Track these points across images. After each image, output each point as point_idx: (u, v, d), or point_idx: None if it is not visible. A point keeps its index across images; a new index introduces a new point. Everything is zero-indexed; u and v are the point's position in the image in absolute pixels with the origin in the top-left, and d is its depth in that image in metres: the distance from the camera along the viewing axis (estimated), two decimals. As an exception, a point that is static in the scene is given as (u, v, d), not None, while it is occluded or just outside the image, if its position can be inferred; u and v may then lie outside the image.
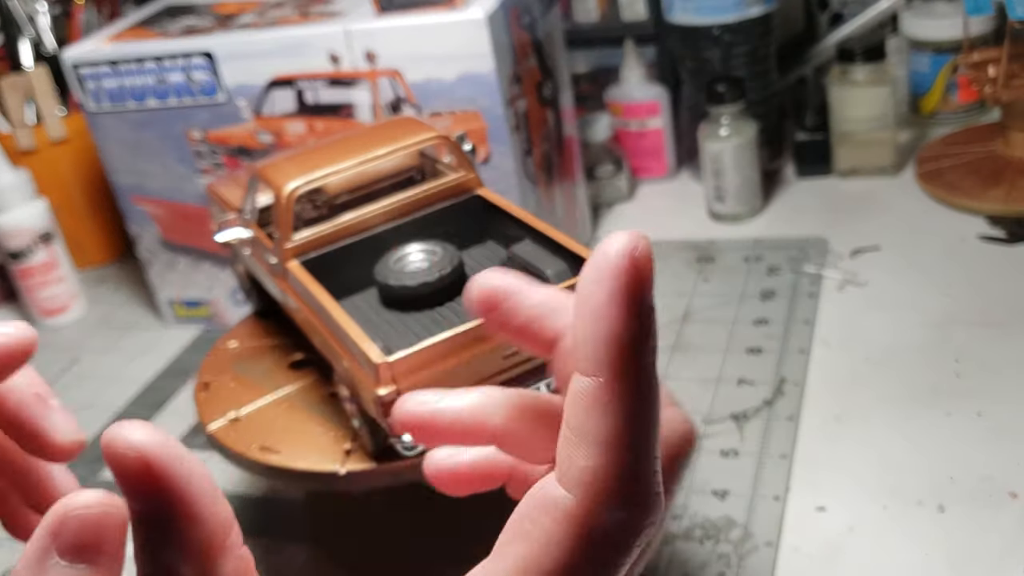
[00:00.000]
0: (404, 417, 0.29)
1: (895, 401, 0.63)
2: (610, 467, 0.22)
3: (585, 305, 0.23)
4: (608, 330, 0.22)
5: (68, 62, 0.77)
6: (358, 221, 0.53)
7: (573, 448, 0.22)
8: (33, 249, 0.90)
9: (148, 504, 0.22)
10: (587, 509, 0.22)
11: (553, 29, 0.80)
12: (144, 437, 0.22)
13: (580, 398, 0.23)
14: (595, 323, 0.22)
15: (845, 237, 0.81)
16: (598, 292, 0.22)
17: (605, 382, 0.22)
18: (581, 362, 0.23)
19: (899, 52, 0.98)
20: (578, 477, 0.22)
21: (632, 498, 0.22)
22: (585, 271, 0.23)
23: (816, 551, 0.53)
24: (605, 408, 0.22)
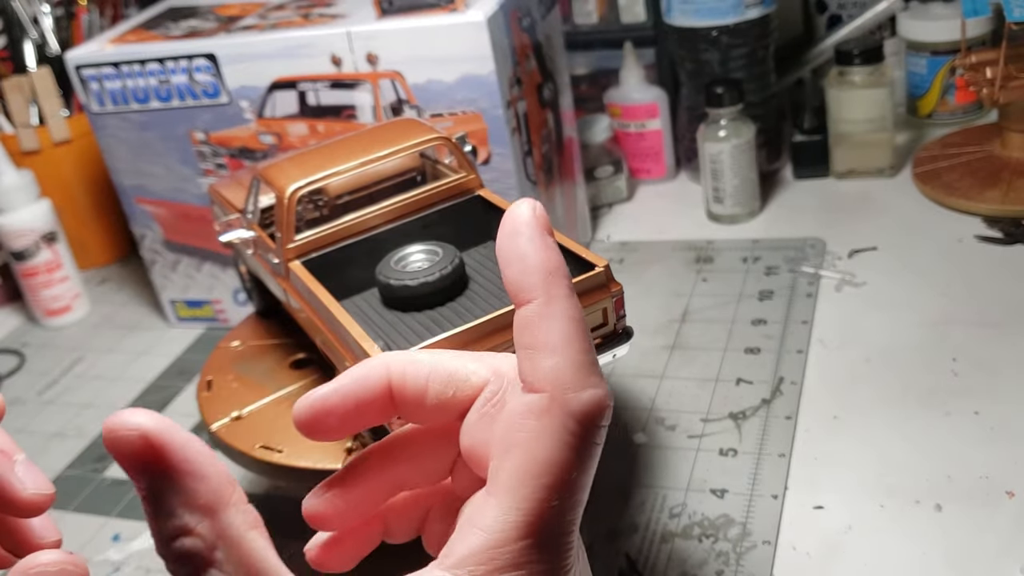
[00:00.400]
0: (298, 418, 0.30)
1: (893, 400, 0.63)
2: (568, 359, 0.27)
3: (511, 253, 0.28)
4: (535, 262, 0.27)
5: (71, 63, 0.78)
6: (359, 222, 0.53)
7: (533, 359, 0.27)
8: (36, 249, 0.90)
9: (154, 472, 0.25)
10: (561, 398, 0.26)
11: (553, 31, 0.81)
12: (141, 417, 0.25)
13: (527, 320, 0.27)
14: (523, 261, 0.28)
15: (843, 238, 0.82)
16: (519, 239, 0.28)
17: (544, 300, 0.27)
18: (521, 293, 0.28)
19: (897, 54, 0.98)
20: (545, 376, 0.27)
21: (590, 380, 0.27)
22: (502, 230, 0.28)
23: (814, 550, 0.53)
24: (551, 319, 0.27)
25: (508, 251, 0.28)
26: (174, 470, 0.25)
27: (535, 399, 0.27)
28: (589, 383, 0.27)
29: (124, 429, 0.25)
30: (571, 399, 0.26)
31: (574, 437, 0.26)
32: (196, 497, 0.25)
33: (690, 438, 0.63)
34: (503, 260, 0.28)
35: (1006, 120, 0.85)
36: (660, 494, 0.59)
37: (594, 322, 0.46)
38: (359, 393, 0.30)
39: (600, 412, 0.27)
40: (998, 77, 0.80)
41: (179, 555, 0.25)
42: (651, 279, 0.82)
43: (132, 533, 0.65)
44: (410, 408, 0.30)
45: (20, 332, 0.95)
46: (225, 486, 0.26)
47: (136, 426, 0.25)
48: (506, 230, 0.28)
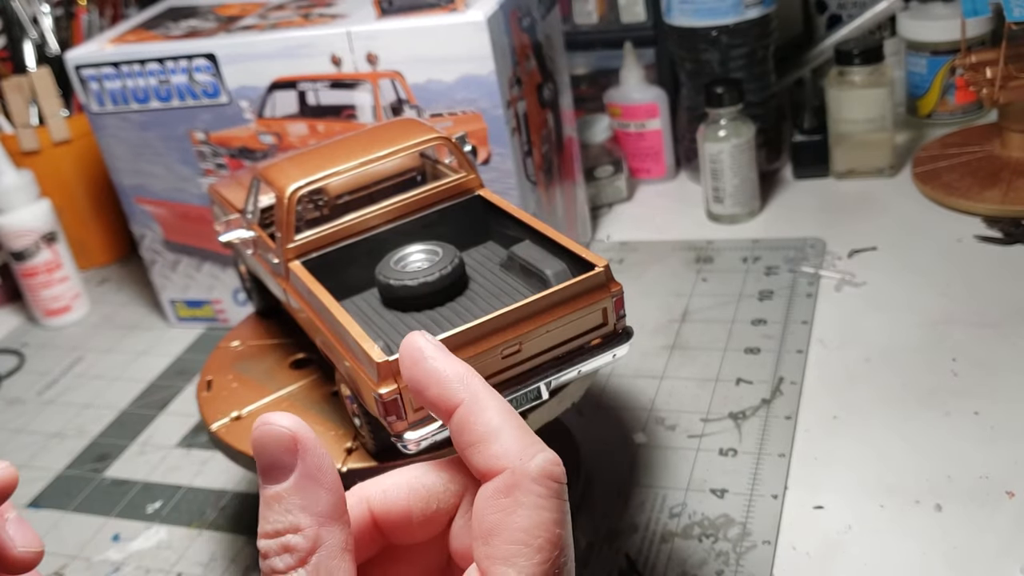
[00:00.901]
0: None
1: (892, 400, 0.63)
2: (512, 436, 0.29)
3: (423, 377, 0.30)
4: (447, 374, 0.30)
5: (71, 64, 0.78)
6: (359, 222, 0.53)
7: (481, 451, 0.29)
8: (36, 249, 0.90)
9: (289, 470, 0.28)
10: (520, 469, 0.28)
11: (553, 31, 0.81)
12: (291, 421, 0.28)
13: (462, 422, 0.29)
14: (436, 378, 0.30)
15: (843, 238, 0.82)
16: (425, 364, 0.30)
17: (468, 399, 0.29)
18: (447, 407, 0.30)
19: (897, 54, 0.98)
20: (498, 458, 0.28)
21: (536, 447, 0.29)
22: (405, 364, 0.30)
23: (814, 549, 0.53)
24: (481, 411, 0.29)
25: (420, 377, 0.30)
26: (307, 475, 0.28)
27: (498, 480, 0.28)
28: (535, 450, 0.28)
29: (278, 426, 0.28)
30: (530, 467, 0.28)
31: (544, 499, 0.28)
32: (317, 504, 0.28)
33: (690, 438, 0.63)
34: (419, 389, 0.30)
35: (1006, 120, 0.85)
36: (660, 494, 0.59)
37: (594, 322, 0.46)
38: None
39: (556, 470, 0.28)
40: (998, 77, 0.80)
41: (284, 547, 0.28)
42: (651, 279, 0.82)
43: (132, 533, 0.65)
44: (398, 531, 0.31)
45: (20, 332, 0.95)
46: (342, 504, 0.29)
47: (289, 426, 0.28)
48: (408, 363, 0.30)
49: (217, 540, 0.63)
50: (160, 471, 0.71)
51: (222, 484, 0.68)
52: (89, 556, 0.64)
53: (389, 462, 0.48)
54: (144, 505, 0.67)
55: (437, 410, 0.30)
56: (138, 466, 0.72)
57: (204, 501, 0.67)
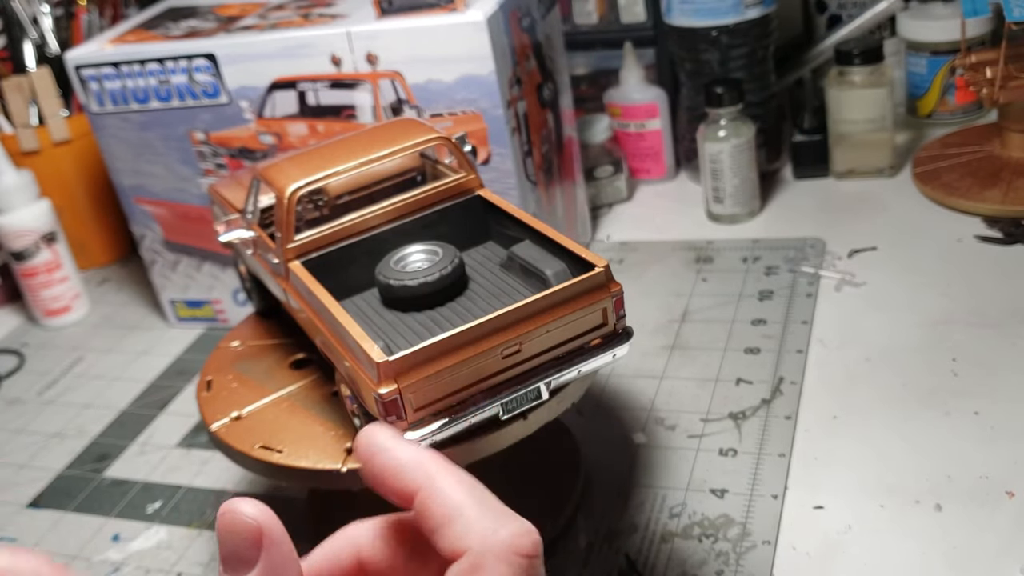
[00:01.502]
0: None
1: (892, 400, 0.63)
2: (471, 513, 0.28)
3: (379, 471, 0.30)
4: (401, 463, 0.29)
5: (71, 64, 0.78)
6: (359, 222, 0.53)
7: (444, 534, 0.28)
8: (36, 249, 0.90)
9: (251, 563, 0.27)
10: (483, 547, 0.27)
11: (553, 31, 0.81)
12: (257, 510, 0.28)
13: (421, 508, 0.28)
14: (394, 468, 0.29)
15: (842, 238, 0.82)
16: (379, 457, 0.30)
17: (425, 483, 0.29)
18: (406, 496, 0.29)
19: (896, 54, 0.98)
20: (460, 538, 0.27)
21: (501, 520, 0.27)
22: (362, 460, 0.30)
23: (814, 549, 0.53)
24: (437, 493, 0.28)
25: (376, 472, 0.30)
26: (270, 569, 0.27)
27: (463, 561, 0.27)
28: (500, 523, 0.27)
29: (245, 516, 0.27)
30: (493, 544, 0.27)
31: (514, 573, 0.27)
32: None
33: (690, 438, 0.63)
34: (377, 483, 0.30)
35: (1006, 120, 0.85)
36: (660, 494, 0.59)
37: (594, 322, 0.46)
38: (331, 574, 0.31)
39: (525, 542, 0.27)
40: (998, 77, 0.80)
41: None
42: (651, 279, 0.82)
43: (132, 533, 0.65)
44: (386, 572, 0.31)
45: (20, 332, 0.95)
46: None
47: (255, 516, 0.27)
48: (364, 457, 0.30)
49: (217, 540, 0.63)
50: (160, 471, 0.71)
51: (222, 484, 0.68)
52: (89, 556, 0.64)
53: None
54: (144, 505, 0.67)
55: (400, 502, 0.29)
56: (138, 466, 0.72)
57: (204, 501, 0.67)
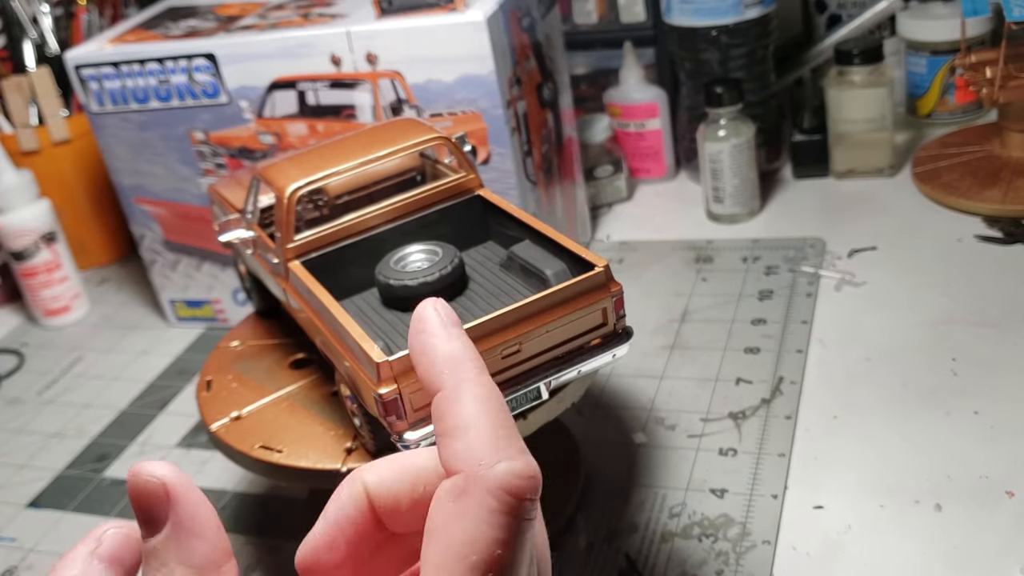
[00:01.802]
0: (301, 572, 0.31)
1: (892, 400, 0.63)
2: (478, 437, 0.26)
3: (417, 350, 0.29)
4: (438, 353, 0.28)
5: (71, 63, 0.78)
6: (359, 222, 0.53)
7: (448, 445, 0.27)
8: (36, 249, 0.90)
9: (162, 521, 0.26)
10: (475, 475, 0.26)
11: (552, 31, 0.81)
12: (164, 469, 0.26)
13: (438, 409, 0.27)
14: (427, 355, 0.28)
15: (842, 237, 0.82)
16: (422, 336, 0.29)
17: (450, 386, 0.27)
18: (430, 388, 0.28)
19: (896, 54, 0.98)
20: (457, 457, 0.26)
21: (505, 453, 0.26)
22: (409, 336, 0.29)
23: (814, 549, 0.53)
24: (456, 403, 0.27)
25: (415, 351, 0.29)
26: (180, 525, 0.26)
27: (451, 481, 0.26)
28: (503, 456, 0.26)
29: (147, 475, 0.26)
30: (486, 475, 0.26)
31: (494, 514, 0.25)
32: (192, 555, 0.27)
33: (690, 438, 0.63)
34: (415, 362, 0.29)
35: (1006, 120, 0.85)
36: (660, 494, 0.59)
37: (594, 322, 0.46)
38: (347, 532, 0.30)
39: (519, 484, 0.26)
40: (998, 77, 0.80)
41: None
42: (651, 279, 0.82)
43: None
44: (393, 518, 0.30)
45: (20, 332, 0.95)
46: (221, 553, 0.27)
47: (158, 475, 0.26)
48: (411, 332, 0.29)
49: (217, 540, 0.63)
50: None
51: (222, 484, 0.68)
52: (89, 556, 0.64)
53: (389, 462, 0.48)
54: (144, 505, 0.67)
55: (426, 389, 0.28)
56: (138, 466, 0.72)
57: (204, 501, 0.67)
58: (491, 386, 0.28)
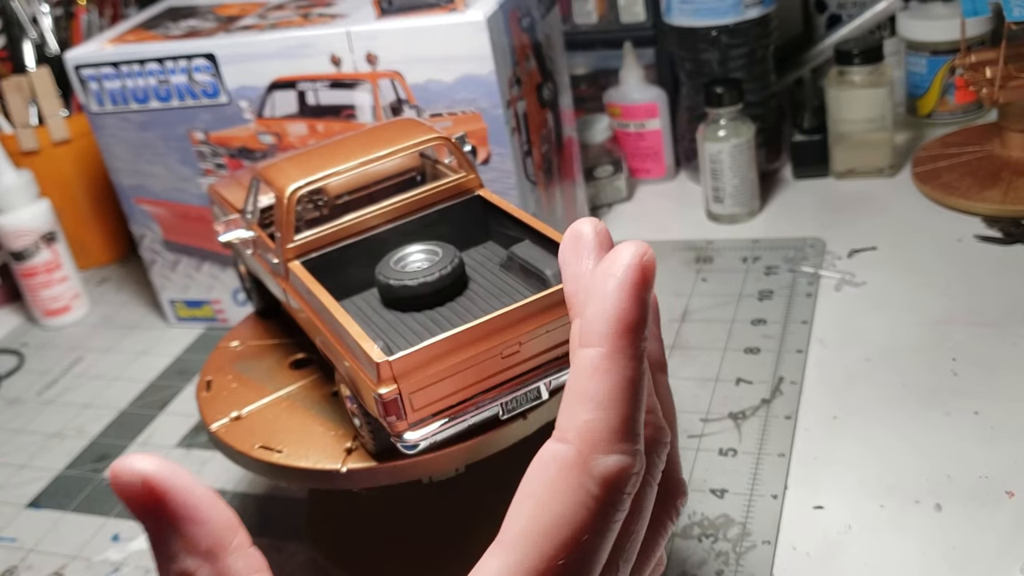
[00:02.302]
0: None
1: (892, 400, 0.63)
2: (607, 419, 0.26)
3: (598, 290, 0.27)
4: (614, 310, 0.26)
5: (70, 63, 0.78)
6: (359, 222, 0.53)
7: (575, 407, 0.26)
8: (36, 249, 0.90)
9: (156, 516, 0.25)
10: (584, 455, 0.25)
11: (552, 31, 0.81)
12: (144, 463, 0.25)
13: (584, 364, 0.26)
14: (603, 303, 0.26)
15: (842, 237, 0.82)
16: (611, 280, 0.26)
17: (607, 352, 0.26)
18: (587, 336, 0.26)
19: (896, 54, 0.98)
20: (579, 429, 0.26)
21: (622, 447, 0.26)
22: (602, 264, 0.27)
23: (814, 549, 0.53)
24: (606, 373, 0.26)
25: (596, 287, 0.27)
26: (174, 515, 0.25)
27: (562, 450, 0.26)
28: (619, 448, 0.26)
29: (126, 474, 0.25)
30: (597, 461, 0.25)
31: (592, 499, 0.25)
32: (196, 542, 0.26)
33: (690, 438, 0.63)
34: (590, 294, 0.27)
35: (1006, 120, 0.85)
36: (660, 494, 0.59)
37: (594, 322, 0.46)
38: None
39: (624, 479, 0.26)
40: (998, 77, 0.80)
41: None
42: (651, 279, 0.82)
43: (132, 533, 0.65)
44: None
45: (20, 332, 0.95)
46: (225, 532, 0.26)
47: (138, 472, 0.25)
48: (604, 265, 0.27)
49: (217, 540, 0.63)
50: (160, 471, 0.71)
51: (222, 484, 0.68)
52: (89, 556, 0.64)
53: (389, 462, 0.48)
54: (144, 505, 0.67)
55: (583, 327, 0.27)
56: (138, 466, 0.72)
57: (204, 501, 0.67)
58: (641, 371, 0.27)
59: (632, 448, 0.26)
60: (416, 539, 0.57)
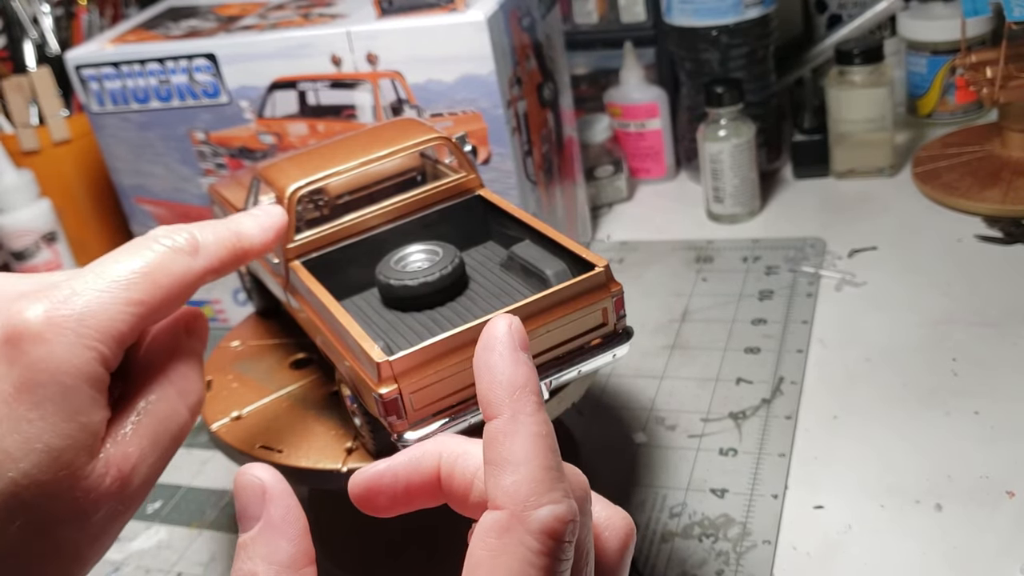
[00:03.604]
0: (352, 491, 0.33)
1: (893, 400, 0.63)
2: (529, 475, 0.27)
3: (482, 367, 0.29)
4: (501, 376, 0.29)
5: (71, 63, 0.78)
6: (359, 222, 0.53)
7: (496, 475, 0.27)
8: (36, 249, 0.90)
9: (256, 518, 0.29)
10: (517, 514, 0.26)
11: (553, 31, 0.81)
12: (266, 473, 0.30)
13: (493, 435, 0.28)
14: (490, 375, 0.29)
15: (843, 237, 0.82)
16: (490, 355, 0.29)
17: (509, 416, 0.28)
18: (486, 410, 0.29)
19: (897, 54, 0.98)
20: (505, 492, 0.27)
21: (550, 497, 0.27)
22: (477, 347, 0.30)
23: (814, 549, 0.53)
24: (514, 435, 0.28)
25: (479, 365, 0.29)
26: (271, 525, 0.29)
27: (496, 516, 0.27)
28: (549, 499, 0.27)
29: (251, 475, 0.29)
30: (530, 516, 0.26)
31: (535, 554, 0.26)
32: (277, 553, 0.29)
33: (690, 438, 0.63)
34: (476, 375, 0.29)
35: (1006, 120, 0.85)
36: (660, 494, 0.59)
37: (594, 322, 0.46)
38: (410, 477, 0.32)
39: (561, 528, 0.27)
40: (998, 77, 0.80)
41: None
42: (651, 279, 0.82)
43: (132, 533, 0.65)
44: (456, 500, 0.31)
45: (20, 332, 0.95)
46: (303, 556, 0.29)
47: (261, 477, 0.29)
48: (480, 344, 0.30)
49: (217, 540, 0.63)
50: (160, 471, 0.71)
51: (222, 484, 0.68)
52: (89, 556, 0.64)
53: (389, 462, 0.48)
54: (144, 505, 0.68)
55: (480, 407, 0.29)
56: (138, 466, 0.72)
57: (204, 501, 0.67)
58: (547, 423, 0.28)
59: (560, 496, 0.27)
60: (416, 540, 0.57)
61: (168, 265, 0.33)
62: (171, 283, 0.33)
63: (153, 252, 0.33)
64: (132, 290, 0.32)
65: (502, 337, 0.29)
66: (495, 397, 0.28)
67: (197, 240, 0.34)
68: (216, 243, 0.35)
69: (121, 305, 0.31)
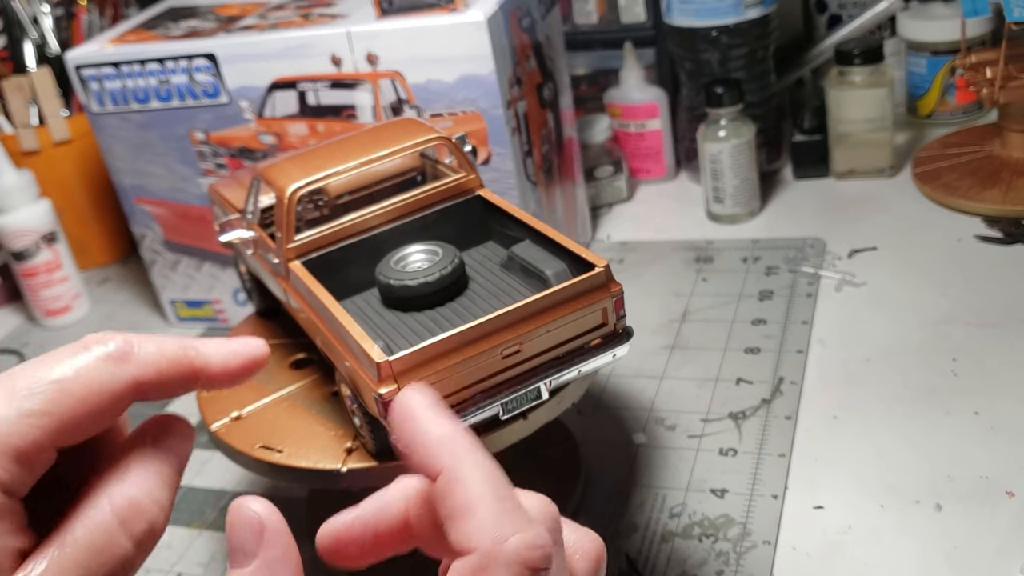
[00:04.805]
0: (320, 544, 0.32)
1: (893, 400, 0.63)
2: (488, 511, 0.27)
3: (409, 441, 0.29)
4: (430, 438, 0.29)
5: (71, 64, 0.78)
6: (359, 222, 0.53)
7: (457, 524, 0.27)
8: (36, 249, 0.90)
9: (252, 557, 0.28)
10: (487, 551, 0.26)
11: (553, 31, 0.81)
12: (264, 508, 0.29)
13: (440, 492, 0.28)
14: (418, 442, 0.29)
15: (843, 238, 0.82)
16: (411, 424, 0.29)
17: (449, 466, 0.28)
18: (424, 470, 0.29)
19: (897, 54, 0.98)
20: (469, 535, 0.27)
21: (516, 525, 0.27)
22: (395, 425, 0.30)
23: (814, 549, 0.53)
24: (460, 480, 0.28)
25: (404, 440, 0.29)
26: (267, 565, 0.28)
27: (469, 560, 0.27)
28: (515, 528, 0.27)
29: (248, 509, 0.29)
30: (501, 550, 0.26)
31: None
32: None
33: (690, 438, 0.63)
34: (405, 453, 0.29)
35: (1006, 120, 0.85)
36: (660, 494, 0.59)
37: (594, 322, 0.46)
38: (378, 525, 0.31)
39: (534, 554, 0.27)
40: (998, 77, 0.80)
41: None
42: (651, 279, 0.82)
43: None
44: (427, 541, 0.31)
45: (20, 332, 0.95)
46: None
47: (258, 511, 0.29)
48: (396, 422, 0.30)
49: (217, 540, 0.63)
50: (160, 471, 0.71)
51: (222, 484, 0.68)
52: (89, 556, 0.64)
53: (389, 462, 0.48)
54: (144, 505, 0.67)
55: (424, 475, 0.29)
56: (138, 466, 0.72)
57: (204, 501, 0.67)
58: (489, 460, 0.29)
59: (524, 524, 0.27)
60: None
61: (87, 373, 0.29)
62: (87, 393, 0.29)
63: (75, 359, 0.29)
64: (35, 400, 0.27)
65: (416, 406, 0.30)
66: (429, 456, 0.28)
67: (131, 348, 0.31)
68: (157, 353, 0.31)
69: (21, 416, 0.27)
